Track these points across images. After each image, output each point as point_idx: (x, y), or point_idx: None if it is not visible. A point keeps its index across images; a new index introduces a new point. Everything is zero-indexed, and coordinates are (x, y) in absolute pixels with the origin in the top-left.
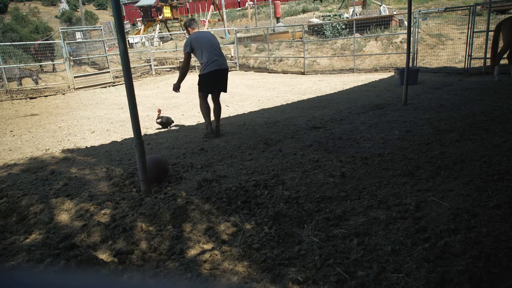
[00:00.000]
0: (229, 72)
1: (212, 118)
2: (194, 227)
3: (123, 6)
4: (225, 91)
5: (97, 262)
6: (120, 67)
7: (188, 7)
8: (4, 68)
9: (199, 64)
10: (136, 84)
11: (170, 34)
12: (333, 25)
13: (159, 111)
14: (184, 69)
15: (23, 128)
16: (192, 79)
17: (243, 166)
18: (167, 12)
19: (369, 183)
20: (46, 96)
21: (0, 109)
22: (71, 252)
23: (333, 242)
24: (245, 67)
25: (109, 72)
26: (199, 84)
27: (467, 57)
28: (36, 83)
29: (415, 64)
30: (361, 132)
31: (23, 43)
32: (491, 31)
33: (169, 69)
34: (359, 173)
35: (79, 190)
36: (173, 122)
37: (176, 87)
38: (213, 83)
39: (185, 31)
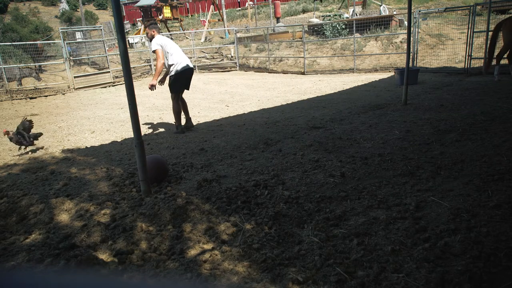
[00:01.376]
0: (228, 72)
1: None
2: (194, 227)
3: (123, 6)
4: (188, 89)
5: (97, 262)
6: (120, 67)
7: (188, 7)
8: (4, 68)
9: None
10: (136, 84)
11: (170, 34)
12: (333, 25)
13: (6, 132)
14: (162, 63)
15: None
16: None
17: (243, 166)
18: (167, 12)
19: (369, 183)
20: (46, 96)
21: (0, 109)
22: (71, 252)
23: (333, 242)
24: (245, 67)
25: (109, 72)
26: (173, 84)
27: (467, 57)
28: (38, 79)
29: (415, 64)
30: (361, 132)
31: (23, 43)
32: (491, 31)
33: None
34: (359, 173)
35: (79, 190)
36: (32, 140)
37: (153, 85)
38: (186, 81)
39: (184, 31)
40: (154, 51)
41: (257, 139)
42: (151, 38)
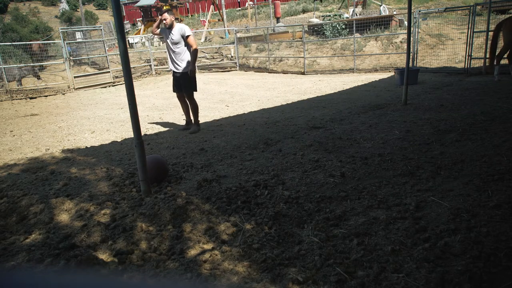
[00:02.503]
0: (228, 72)
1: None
2: (194, 227)
3: (123, 6)
4: None
5: (97, 262)
6: (120, 67)
7: (188, 7)
8: (4, 68)
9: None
10: (136, 84)
11: None
12: (333, 25)
13: None
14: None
15: (23, 128)
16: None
17: (243, 166)
18: None
19: (369, 183)
20: (46, 96)
21: (0, 109)
22: (71, 252)
23: (333, 242)
24: (245, 67)
25: (109, 72)
26: (194, 82)
27: (467, 57)
28: (38, 78)
29: (415, 64)
30: (361, 132)
31: (23, 43)
32: (491, 31)
33: (169, 69)
34: (359, 173)
35: (79, 190)
36: None
37: (194, 70)
38: None
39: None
40: (187, 37)
41: (257, 139)
42: (170, 25)
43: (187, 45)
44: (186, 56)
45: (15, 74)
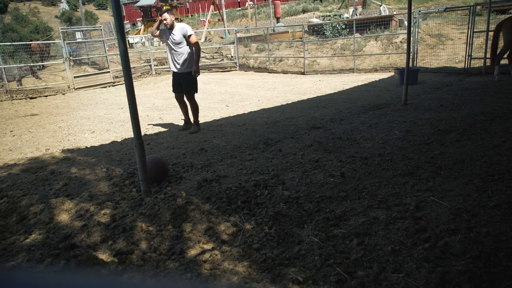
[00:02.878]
0: (228, 72)
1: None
2: (194, 227)
3: (123, 6)
4: None
5: (97, 262)
6: (120, 67)
7: (188, 7)
8: (4, 68)
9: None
10: (136, 84)
11: None
12: (333, 25)
13: None
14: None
15: (23, 128)
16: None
17: (243, 166)
18: None
19: (369, 183)
20: (46, 96)
21: (0, 109)
22: (71, 252)
23: (333, 242)
24: (245, 67)
25: (109, 72)
26: (196, 82)
27: (467, 57)
28: (37, 78)
29: (415, 64)
30: (361, 132)
31: (23, 43)
32: (491, 31)
33: (169, 69)
34: (359, 173)
35: (79, 190)
36: None
37: (198, 70)
38: None
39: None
40: (189, 36)
41: (257, 139)
42: (171, 26)
43: (189, 44)
44: (188, 56)
45: (15, 74)
